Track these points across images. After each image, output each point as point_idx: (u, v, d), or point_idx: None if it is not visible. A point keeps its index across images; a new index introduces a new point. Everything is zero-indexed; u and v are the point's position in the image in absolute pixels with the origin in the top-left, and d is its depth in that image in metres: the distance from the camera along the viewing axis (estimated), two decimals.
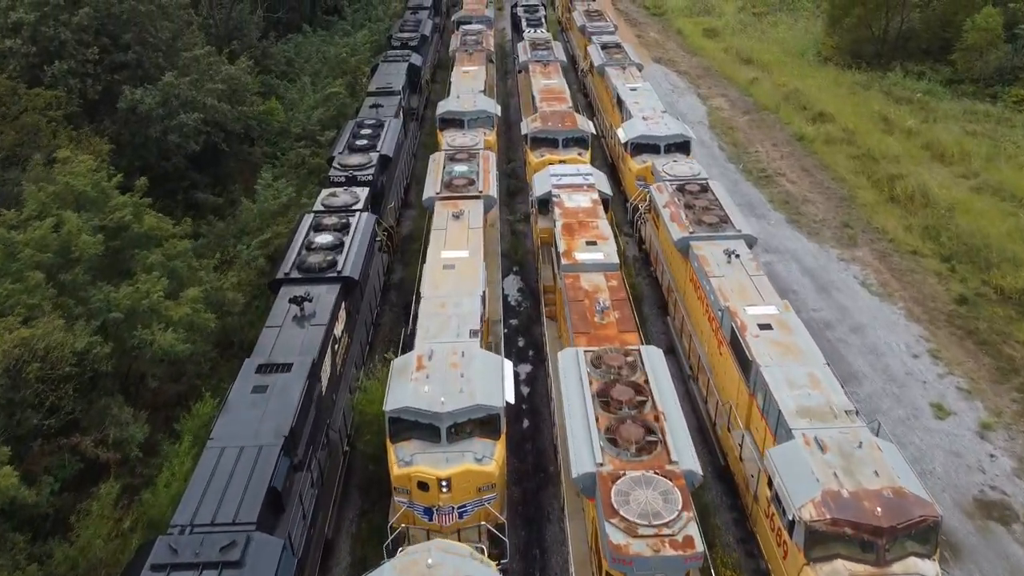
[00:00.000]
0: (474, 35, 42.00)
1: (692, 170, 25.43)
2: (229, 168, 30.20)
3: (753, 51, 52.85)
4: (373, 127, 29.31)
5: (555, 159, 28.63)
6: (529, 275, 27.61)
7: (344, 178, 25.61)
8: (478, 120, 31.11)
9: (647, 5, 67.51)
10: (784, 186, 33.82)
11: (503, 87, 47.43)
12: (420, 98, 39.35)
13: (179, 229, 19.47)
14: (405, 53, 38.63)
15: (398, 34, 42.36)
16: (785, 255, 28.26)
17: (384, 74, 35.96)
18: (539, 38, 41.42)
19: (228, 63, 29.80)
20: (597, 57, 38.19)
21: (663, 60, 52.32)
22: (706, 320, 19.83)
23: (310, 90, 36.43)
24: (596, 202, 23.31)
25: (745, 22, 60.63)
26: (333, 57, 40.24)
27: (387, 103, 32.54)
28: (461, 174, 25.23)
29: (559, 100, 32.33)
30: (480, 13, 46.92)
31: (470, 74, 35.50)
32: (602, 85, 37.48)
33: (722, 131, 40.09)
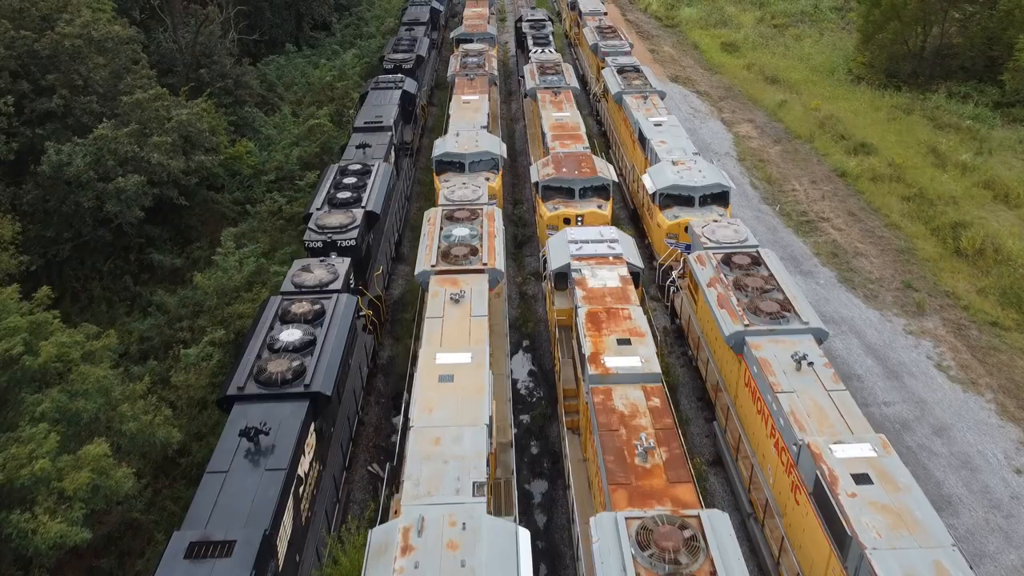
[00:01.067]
0: (475, 56, 37.81)
1: (738, 234, 21.22)
2: (192, 220, 26.03)
3: (778, 69, 48.66)
4: (358, 174, 25.11)
5: (571, 212, 24.45)
6: (542, 352, 23.43)
7: (321, 243, 21.42)
8: (480, 163, 26.94)
9: (659, 16, 63.33)
10: (830, 234, 29.61)
11: (507, 110, 43.27)
12: (415, 128, 35.14)
13: (101, 343, 15.22)
14: (398, 78, 34.43)
15: (391, 55, 38.18)
16: (842, 326, 24.06)
17: (374, 104, 31.76)
18: (548, 60, 37.21)
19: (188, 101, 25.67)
20: (613, 82, 34.00)
21: (680, 79, 48.12)
22: (772, 447, 15.64)
23: (291, 122, 32.24)
24: (626, 280, 19.10)
25: (766, 35, 56.42)
26: (318, 82, 36.05)
27: (376, 142, 28.34)
28: (461, 240, 21.03)
29: (574, 138, 28.12)
30: (482, 30, 42.75)
31: (471, 105, 31.30)
32: (620, 115, 33.30)
33: (752, 164, 35.90)
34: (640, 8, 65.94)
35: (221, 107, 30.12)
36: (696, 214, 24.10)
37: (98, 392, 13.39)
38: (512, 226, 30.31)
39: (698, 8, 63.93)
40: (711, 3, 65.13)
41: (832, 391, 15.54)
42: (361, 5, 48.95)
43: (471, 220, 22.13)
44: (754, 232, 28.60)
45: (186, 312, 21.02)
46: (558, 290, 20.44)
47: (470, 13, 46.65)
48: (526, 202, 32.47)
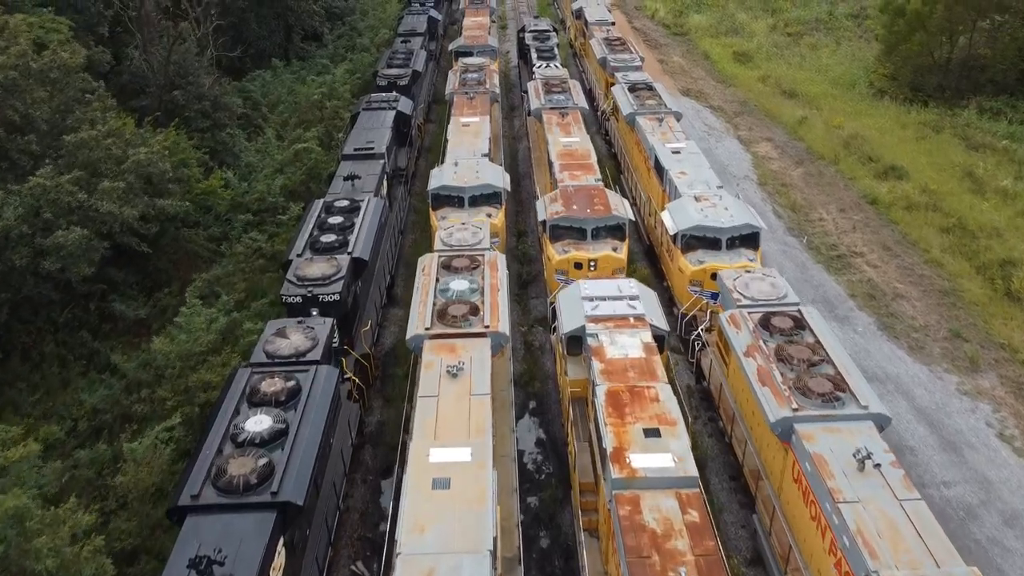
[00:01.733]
0: (475, 72, 35.18)
1: (776, 289, 18.60)
2: (161, 262, 23.43)
3: (795, 82, 46.06)
4: (346, 212, 22.50)
5: (583, 256, 21.83)
6: (551, 417, 20.82)
7: (300, 298, 18.80)
8: (482, 197, 24.36)
9: (667, 23, 60.70)
10: (865, 272, 26.99)
11: (509, 127, 40.65)
12: (410, 152, 32.51)
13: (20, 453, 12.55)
14: (392, 98, 31.81)
15: (385, 70, 35.55)
16: (887, 385, 21.45)
17: (365, 128, 29.13)
18: (554, 77, 34.59)
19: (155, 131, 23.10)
20: (625, 102, 31.37)
21: (692, 92, 45.50)
22: (833, 567, 13.03)
23: (274, 147, 29.61)
24: (650, 349, 16.49)
25: (780, 44, 53.82)
26: (305, 100, 33.42)
27: (367, 171, 25.73)
28: (460, 295, 18.41)
29: (584, 168, 25.50)
30: (482, 41, 40.13)
31: (470, 129, 28.67)
32: (632, 138, 30.69)
33: (775, 189, 33.28)
34: (647, 15, 63.33)
35: (197, 132, 27.52)
36: (723, 258, 21.50)
37: (9, 524, 10.83)
38: (515, 262, 27.71)
39: (708, 15, 61.35)
40: (721, 10, 62.57)
41: (905, 501, 12.93)
42: (355, 14, 46.39)
43: (471, 270, 19.51)
44: (781, 269, 26.13)
45: (147, 378, 18.41)
46: (571, 355, 17.82)
47: (469, 23, 44.02)
48: (531, 233, 29.87)
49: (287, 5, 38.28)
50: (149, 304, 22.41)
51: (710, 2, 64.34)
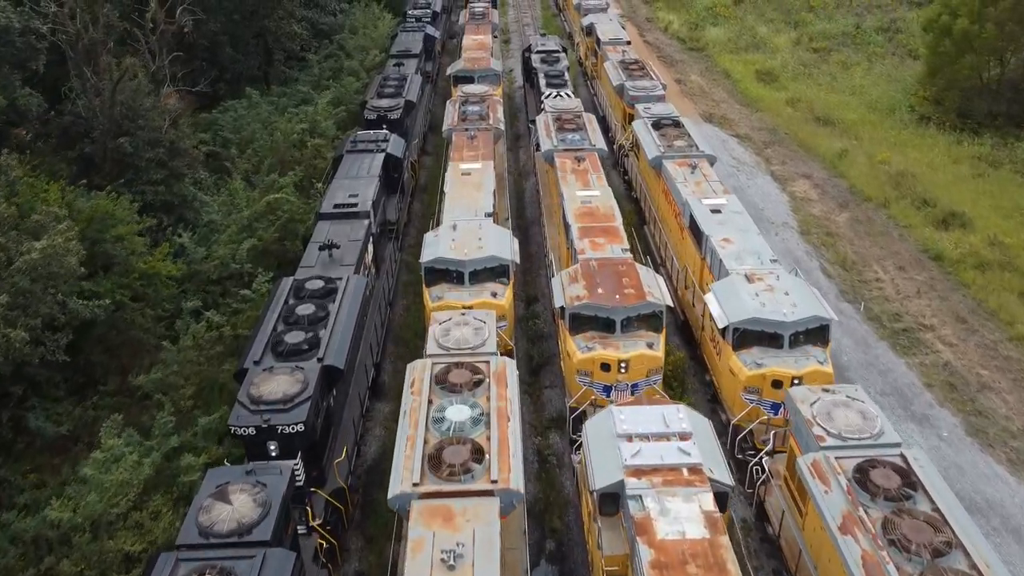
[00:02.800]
0: (477, 103, 30.94)
1: (869, 422, 14.33)
2: (95, 355, 19.24)
3: (828, 106, 41.85)
4: (319, 297, 18.30)
5: (611, 356, 17.60)
6: (575, 562, 16.60)
7: (254, 429, 14.58)
8: (485, 272, 20.15)
9: (682, 37, 56.49)
10: (939, 352, 22.80)
11: (514, 161, 36.45)
12: (401, 201, 28.27)
13: None
14: (381, 137, 27.61)
15: (375, 101, 31.31)
16: (990, 517, 17.25)
17: (348, 176, 24.95)
18: (566, 110, 30.35)
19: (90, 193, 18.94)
20: (649, 142, 27.17)
21: (716, 118, 41.29)
22: None
23: (243, 198, 25.38)
24: (714, 523, 12.27)
25: (806, 62, 49.59)
26: (283, 137, 29.18)
27: (347, 236, 21.52)
28: (458, 429, 14.21)
29: (608, 234, 21.26)
30: (484, 65, 35.88)
31: (472, 179, 24.45)
32: (658, 184, 26.50)
33: (820, 240, 29.06)
34: (660, 28, 59.14)
35: (150, 184, 23.29)
36: (787, 360, 17.28)
37: None
38: (524, 338, 23.52)
39: (725, 28, 57.16)
40: (739, 23, 58.39)
41: None
42: (343, 32, 42.18)
43: (473, 388, 15.28)
44: (840, 348, 22.03)
45: (55, 536, 14.19)
46: (605, 515, 13.62)
47: (470, 43, 39.77)
48: (541, 298, 25.66)
49: (265, 26, 34.11)
50: (82, 406, 18.21)
51: (726, 14, 60.18)
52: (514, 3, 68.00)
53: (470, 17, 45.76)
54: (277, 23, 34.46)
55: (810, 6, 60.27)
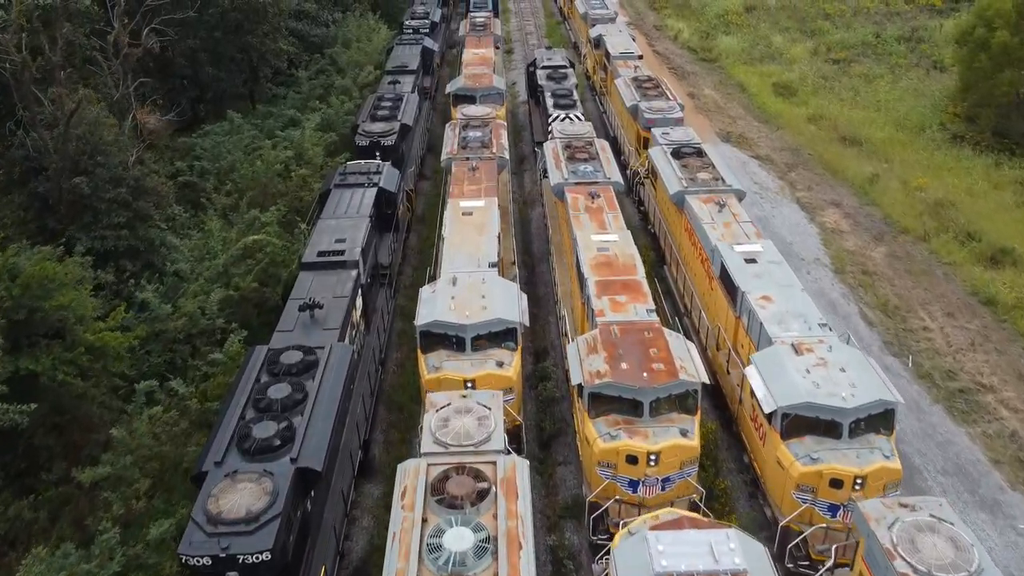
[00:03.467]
0: (478, 127, 28.31)
1: (965, 557, 11.65)
2: (38, 436, 16.59)
3: (853, 123, 39.21)
4: (296, 373, 15.67)
5: (639, 447, 14.95)
6: None
7: (210, 560, 11.94)
8: (489, 336, 17.50)
9: (693, 47, 53.85)
10: (1002, 419, 20.12)
11: (519, 187, 33.80)
12: (396, 240, 25.59)
13: None
14: (373, 168, 25.03)
15: (367, 125, 28.65)
16: None
17: (335, 218, 22.34)
18: (577, 136, 27.72)
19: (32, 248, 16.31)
20: (670, 174, 24.55)
21: (733, 137, 38.65)
22: None
23: (218, 240, 22.74)
24: None
25: (826, 75, 46.94)
26: (265, 168, 26.54)
27: (332, 291, 18.91)
28: (458, 563, 11.55)
29: (629, 289, 18.60)
30: (486, 83, 33.19)
31: (474, 220, 21.80)
32: (680, 221, 23.88)
33: (856, 280, 26.40)
34: (669, 36, 56.52)
35: (111, 229, 20.61)
36: (847, 454, 14.64)
37: None
38: (533, 402, 20.87)
39: (738, 37, 54.53)
40: (752, 31, 55.78)
41: None
42: (336, 45, 39.53)
43: (477, 501, 12.63)
44: None
45: None
46: None
47: (471, 57, 37.10)
48: (553, 351, 23.02)
49: (249, 43, 31.46)
50: (17, 505, 15.56)
51: (739, 22, 57.58)
52: (516, 10, 65.44)
53: (471, 28, 43.13)
54: (262, 39, 31.82)
55: (826, 14, 57.70)
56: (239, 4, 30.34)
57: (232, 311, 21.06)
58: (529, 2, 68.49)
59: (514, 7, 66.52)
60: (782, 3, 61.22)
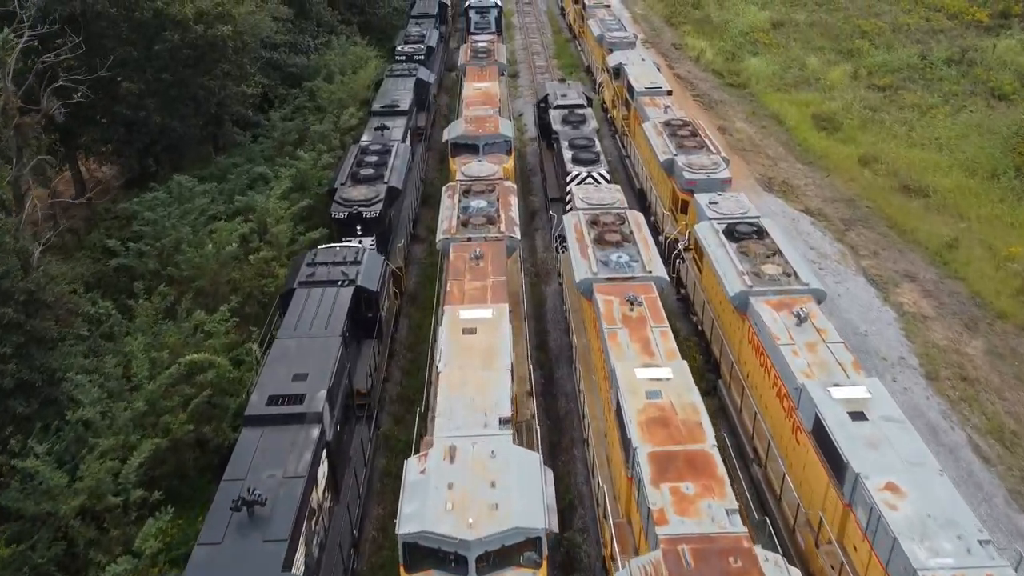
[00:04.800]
0: (482, 194, 23.03)
1: None
2: None
3: (913, 166, 33.97)
4: None
5: None
6: None
7: None
8: (501, 552, 12.24)
9: (718, 70, 48.57)
10: None
11: (530, 253, 28.49)
12: (378, 356, 20.27)
13: None
14: (350, 258, 19.77)
15: (347, 190, 23.34)
16: None
17: (297, 334, 17.05)
18: (605, 206, 22.42)
19: None
20: (727, 268, 19.30)
21: (776, 185, 33.38)
22: None
23: (144, 363, 17.41)
24: None
25: (872, 104, 41.63)
26: (214, 253, 21.22)
27: (284, 459, 13.64)
28: None
29: (700, 473, 13.11)
30: (491, 129, 27.80)
31: (478, 339, 16.46)
32: (743, 331, 18.63)
33: (954, 388, 21.12)
34: (690, 57, 51.22)
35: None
36: None
37: None
38: None
39: (768, 59, 49.25)
40: (783, 51, 50.50)
41: None
42: (318, 77, 34.24)
43: None
44: None
45: None
46: None
47: (472, 94, 31.74)
48: (582, 510, 17.70)
49: (206, 86, 26.12)
50: None
51: (766, 40, 52.28)
52: (521, 26, 60.14)
53: (472, 55, 37.80)
54: (222, 81, 26.48)
55: (862, 31, 52.41)
56: (192, 39, 25.03)
57: (161, 472, 15.81)
58: (535, 16, 63.24)
59: (518, 22, 61.25)
60: (812, 19, 56.00)
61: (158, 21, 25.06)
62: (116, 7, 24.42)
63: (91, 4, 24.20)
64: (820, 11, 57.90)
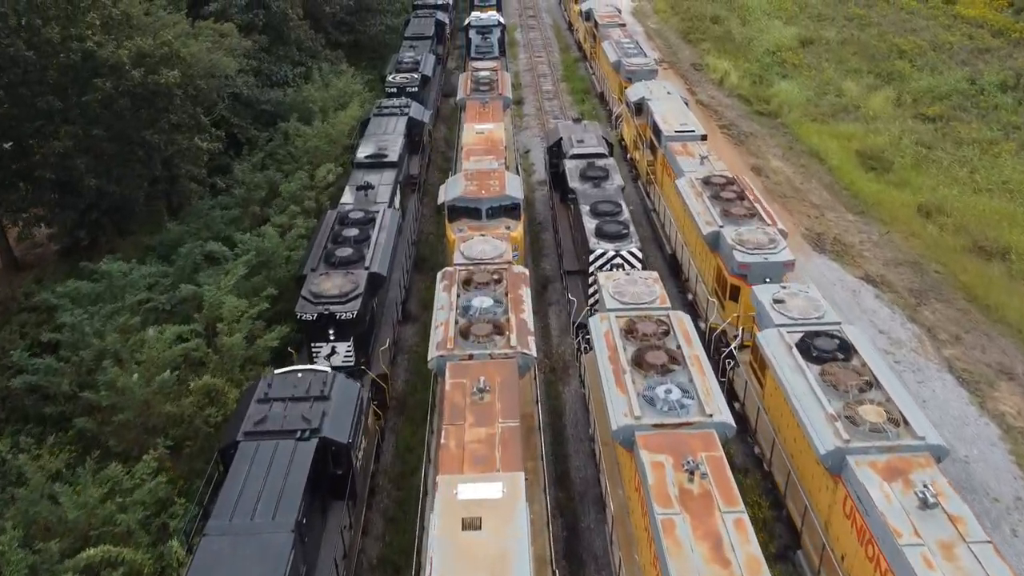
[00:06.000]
0: (487, 286, 18.28)
1: None
2: None
3: (986, 220, 29.29)
4: None
5: None
6: None
7: None
8: None
9: (744, 94, 43.90)
10: None
11: (543, 341, 23.74)
12: (353, 529, 15.54)
13: None
14: (317, 390, 15.11)
15: (316, 281, 18.62)
16: None
17: (238, 512, 12.37)
18: (642, 305, 17.70)
19: None
20: (815, 416, 14.63)
21: (828, 242, 28.70)
22: None
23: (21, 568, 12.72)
24: None
25: (921, 137, 36.94)
26: (140, 383, 16.45)
27: None
28: None
29: None
30: (497, 191, 22.95)
31: (479, 513, 11.80)
32: (836, 498, 13.96)
33: None
34: (713, 80, 46.54)
35: None
36: None
37: None
38: None
39: (799, 82, 44.55)
40: (815, 73, 45.82)
41: None
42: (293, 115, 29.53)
43: None
44: None
45: None
46: None
47: (474, 140, 26.91)
48: None
49: (148, 142, 21.39)
50: None
51: (795, 61, 47.60)
52: (525, 42, 55.45)
53: (473, 87, 32.94)
54: (169, 136, 21.79)
55: (900, 51, 47.73)
56: (129, 87, 20.35)
57: None
58: (540, 31, 58.58)
59: (522, 38, 56.56)
60: (843, 36, 51.31)
61: (89, 66, 20.39)
62: (35, 51, 19.72)
63: (5, 47, 19.56)
64: (851, 27, 53.30)
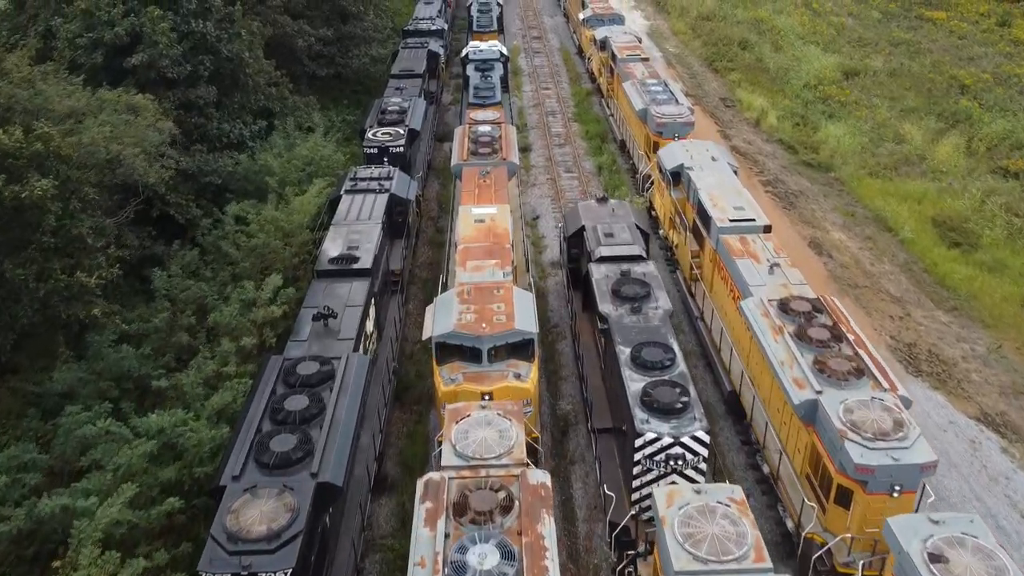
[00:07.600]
0: (491, 561, 12.05)
1: None
2: None
3: None
4: None
5: None
6: None
7: None
8: None
9: (786, 139, 37.77)
10: None
11: (562, 516, 17.61)
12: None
13: None
14: None
15: (235, 519, 12.42)
16: None
17: None
18: (722, 562, 11.53)
19: None
20: None
21: (921, 359, 22.59)
22: None
23: None
24: None
25: (1010, 201, 30.80)
26: None
27: None
28: None
29: None
30: (502, 326, 16.36)
31: None
32: None
33: None
34: (748, 120, 40.38)
35: None
36: None
37: None
38: None
39: (849, 124, 38.45)
40: (866, 112, 39.66)
41: None
42: (247, 191, 23.45)
43: None
44: None
45: None
46: None
47: (471, 234, 20.21)
48: None
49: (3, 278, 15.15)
50: None
51: (841, 97, 41.42)
52: (530, 71, 49.21)
53: (471, 147, 26.33)
54: (41, 267, 15.52)
55: (962, 85, 41.62)
56: None
57: None
58: (547, 56, 52.37)
59: (526, 65, 50.36)
60: (892, 66, 45.13)
61: None
62: None
63: None
64: (899, 54, 47.15)
